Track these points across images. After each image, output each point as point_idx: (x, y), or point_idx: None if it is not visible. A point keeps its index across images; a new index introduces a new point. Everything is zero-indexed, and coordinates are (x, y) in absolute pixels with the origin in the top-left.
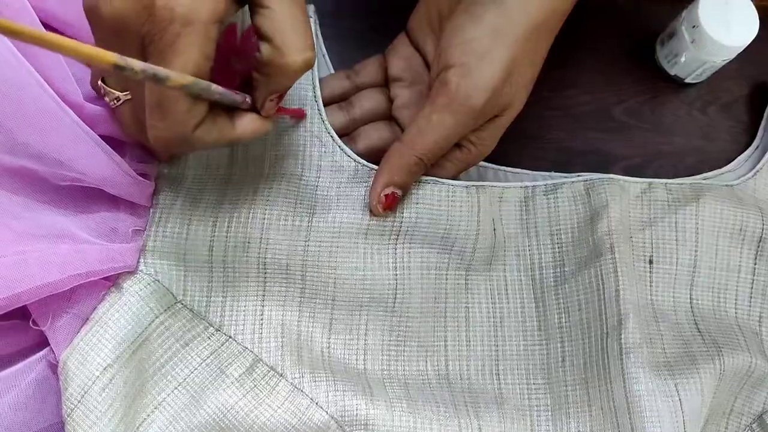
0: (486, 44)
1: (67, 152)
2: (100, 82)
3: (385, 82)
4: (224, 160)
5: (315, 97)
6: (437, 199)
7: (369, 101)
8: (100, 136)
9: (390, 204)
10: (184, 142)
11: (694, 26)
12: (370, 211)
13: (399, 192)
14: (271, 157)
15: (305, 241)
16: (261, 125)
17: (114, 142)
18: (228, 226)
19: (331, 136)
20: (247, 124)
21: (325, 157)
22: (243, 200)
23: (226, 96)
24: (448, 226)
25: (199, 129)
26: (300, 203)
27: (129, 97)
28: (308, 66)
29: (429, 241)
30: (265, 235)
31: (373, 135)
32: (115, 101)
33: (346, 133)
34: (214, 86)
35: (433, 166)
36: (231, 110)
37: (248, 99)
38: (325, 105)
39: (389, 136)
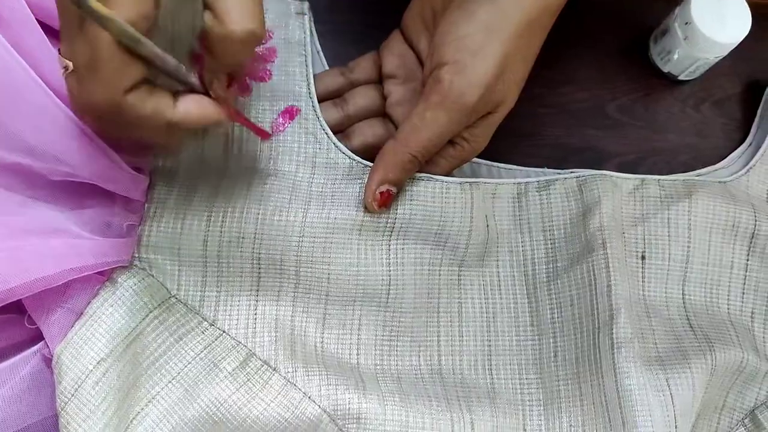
0: (479, 41)
1: (61, 147)
2: (56, 52)
3: (379, 79)
4: (219, 153)
5: (309, 93)
6: (431, 195)
7: (363, 98)
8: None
9: (385, 201)
10: (114, 107)
11: (686, 23)
12: (365, 208)
13: (394, 189)
14: (266, 152)
15: (299, 237)
16: (209, 109)
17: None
18: (222, 221)
19: (326, 133)
20: (192, 104)
21: (319, 153)
22: (237, 195)
23: (161, 59)
24: (441, 223)
25: (132, 94)
26: (294, 199)
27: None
28: (252, 39)
29: (423, 237)
30: (260, 230)
31: (367, 132)
32: (64, 70)
33: (340, 130)
34: (148, 42)
35: (426, 163)
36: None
37: (194, 78)
38: (319, 101)
39: (383, 133)
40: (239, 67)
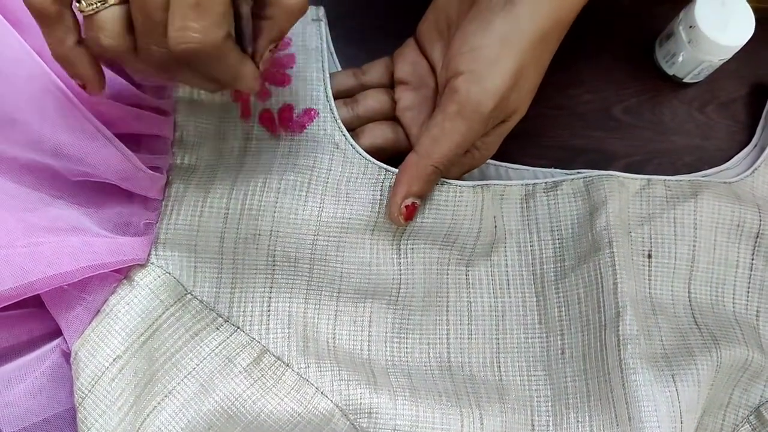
0: (495, 51)
1: (81, 148)
2: None
3: (391, 84)
4: (237, 149)
5: (327, 97)
6: (444, 199)
7: (373, 100)
8: (115, 133)
9: (410, 214)
10: (215, 50)
11: (691, 26)
12: (391, 220)
13: (418, 201)
14: (283, 150)
15: (314, 236)
16: (257, 78)
17: (128, 138)
18: (239, 219)
19: (344, 135)
20: (251, 68)
21: (336, 153)
22: (254, 191)
23: (247, 23)
24: (452, 224)
25: (228, 41)
26: (310, 196)
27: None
28: (303, 9)
29: (433, 238)
30: (275, 228)
31: (377, 133)
32: (98, 3)
33: (348, 129)
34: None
35: None
36: None
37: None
38: None
39: (392, 136)
40: (281, 38)
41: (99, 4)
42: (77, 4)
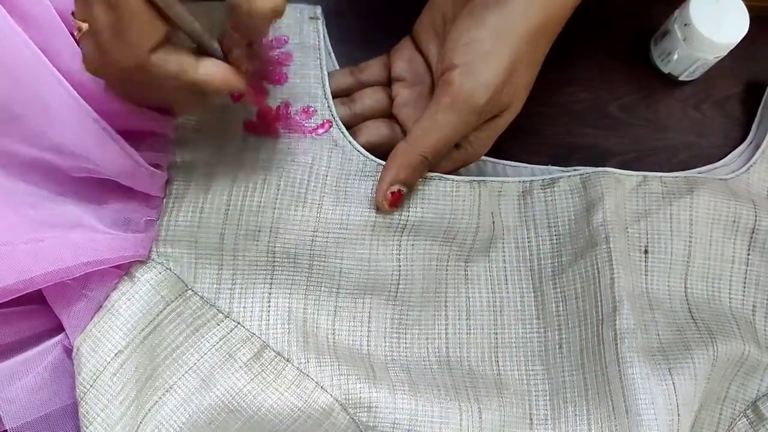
0: (488, 45)
1: (84, 145)
2: (71, 15)
3: (388, 82)
4: (236, 146)
5: (325, 95)
6: (442, 194)
7: (370, 98)
8: (117, 131)
9: (395, 201)
10: (139, 66)
11: (686, 24)
12: (377, 208)
13: (404, 189)
14: (283, 146)
15: (314, 232)
16: (229, 75)
17: (130, 136)
18: (240, 215)
19: (342, 132)
20: (213, 67)
21: (334, 150)
22: (254, 188)
23: (190, 22)
24: (451, 220)
25: (157, 53)
26: (310, 193)
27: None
28: (276, 14)
29: (432, 234)
30: (275, 224)
31: (374, 131)
32: (78, 32)
33: (347, 128)
34: (178, 3)
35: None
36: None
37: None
38: None
39: (388, 133)
40: (259, 38)
41: (78, 31)
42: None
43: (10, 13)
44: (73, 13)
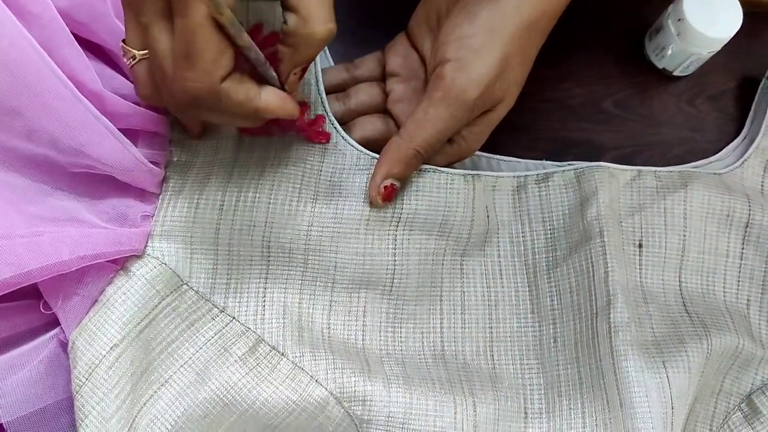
0: (480, 40)
1: (82, 141)
2: (121, 42)
3: (382, 78)
4: (231, 144)
5: (318, 90)
6: (436, 186)
7: (365, 94)
8: (118, 128)
9: (389, 195)
10: (212, 94)
11: (679, 19)
12: (370, 202)
13: (397, 183)
14: (276, 143)
15: (308, 226)
16: (287, 102)
17: (129, 132)
18: (235, 210)
19: (335, 127)
20: (273, 95)
21: (328, 146)
22: (249, 184)
23: (256, 51)
24: (446, 213)
25: (227, 82)
26: (304, 188)
27: (147, 55)
28: (331, 36)
29: (428, 228)
30: (270, 219)
31: (368, 126)
32: (131, 60)
33: (341, 123)
34: (245, 33)
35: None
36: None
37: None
38: None
39: (382, 128)
40: (310, 61)
41: (132, 60)
42: (124, 59)
43: (10, 8)
44: (123, 41)
